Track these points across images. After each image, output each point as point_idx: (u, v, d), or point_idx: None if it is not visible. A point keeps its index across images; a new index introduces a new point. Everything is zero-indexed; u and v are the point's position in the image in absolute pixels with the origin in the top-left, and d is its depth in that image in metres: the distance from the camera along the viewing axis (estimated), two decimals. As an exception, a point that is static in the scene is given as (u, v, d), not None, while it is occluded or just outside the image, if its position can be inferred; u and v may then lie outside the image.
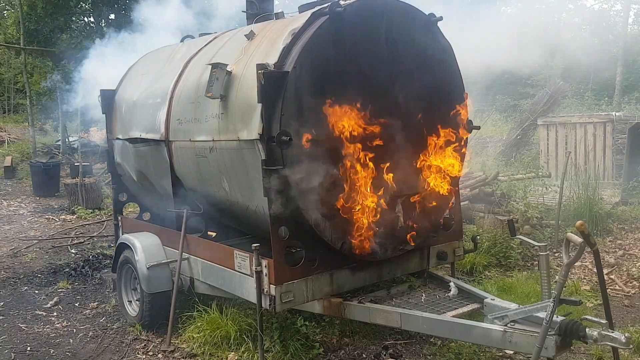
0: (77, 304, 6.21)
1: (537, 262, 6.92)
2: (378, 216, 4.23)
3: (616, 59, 22.33)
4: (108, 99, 6.41)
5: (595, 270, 6.58)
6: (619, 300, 5.77)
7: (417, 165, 4.48)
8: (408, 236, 4.49)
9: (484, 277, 6.58)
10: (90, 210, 11.33)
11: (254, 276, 4.05)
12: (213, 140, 4.51)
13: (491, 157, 14.49)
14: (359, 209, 4.17)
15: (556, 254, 7.05)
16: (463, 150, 4.72)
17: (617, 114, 13.00)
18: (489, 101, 25.09)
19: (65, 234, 9.68)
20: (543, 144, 13.12)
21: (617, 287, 6.12)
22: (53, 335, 5.41)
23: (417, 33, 4.51)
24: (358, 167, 4.12)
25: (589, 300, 5.61)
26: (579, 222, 3.19)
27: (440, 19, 4.59)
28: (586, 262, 6.80)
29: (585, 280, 6.35)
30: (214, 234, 5.38)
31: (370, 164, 4.17)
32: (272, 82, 3.83)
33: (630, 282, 6.29)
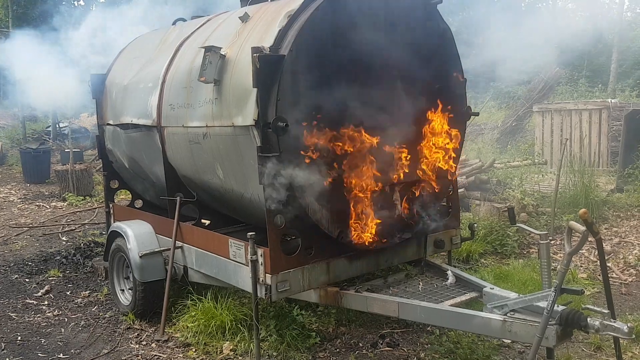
0: (68, 293, 6.11)
1: (533, 250, 6.90)
2: (375, 204, 4.16)
3: (610, 46, 22.29)
4: (98, 83, 6.25)
5: (591, 258, 6.56)
6: (616, 288, 5.75)
7: (415, 152, 4.40)
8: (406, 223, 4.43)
9: (480, 265, 6.55)
10: (81, 197, 11.20)
11: (250, 265, 3.98)
12: (207, 126, 4.40)
13: (487, 144, 14.45)
14: (356, 197, 4.09)
15: (552, 242, 7.01)
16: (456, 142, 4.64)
17: (612, 100, 12.96)
18: (483, 88, 25.02)
19: (56, 221, 9.56)
20: (538, 130, 13.08)
21: (614, 275, 6.10)
22: (44, 324, 5.32)
23: (416, 16, 4.40)
24: (355, 153, 4.04)
25: (586, 289, 5.57)
26: (582, 211, 3.13)
27: (440, 1, 4.48)
28: (582, 250, 6.76)
29: (582, 268, 6.33)
30: (208, 222, 5.29)
31: (367, 149, 4.09)
32: (268, 66, 3.72)
33: (627, 270, 6.27)
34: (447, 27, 4.60)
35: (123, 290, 5.56)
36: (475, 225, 5.25)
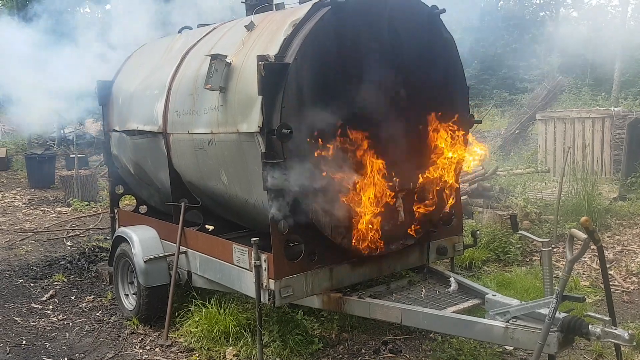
0: (73, 297, 6.15)
1: (536, 258, 6.91)
2: (378, 210, 4.19)
3: (613, 55, 22.31)
4: (105, 90, 6.32)
5: (594, 266, 6.57)
6: (619, 296, 5.76)
7: (418, 159, 4.43)
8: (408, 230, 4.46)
9: (482, 272, 6.56)
10: (86, 203, 11.25)
11: (253, 270, 4.01)
12: (212, 132, 4.45)
13: (490, 151, 14.47)
14: (359, 203, 4.13)
15: (554, 249, 7.03)
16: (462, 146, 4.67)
17: (615, 109, 12.97)
18: (487, 96, 25.10)
19: (61, 226, 9.61)
20: (541, 138, 13.10)
21: (617, 283, 6.10)
22: (49, 328, 5.36)
23: (419, 25, 4.45)
24: (358, 160, 4.08)
25: (588, 296, 5.59)
26: (583, 218, 3.15)
27: (443, 11, 4.54)
28: (585, 257, 6.78)
29: (584, 276, 6.34)
30: (212, 228, 5.33)
31: (371, 157, 4.13)
32: (272, 74, 3.77)
33: (630, 278, 6.28)
34: (450, 36, 4.65)
35: (127, 295, 5.60)
36: (478, 232, 5.27)
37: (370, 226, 4.19)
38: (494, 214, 7.60)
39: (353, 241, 4.18)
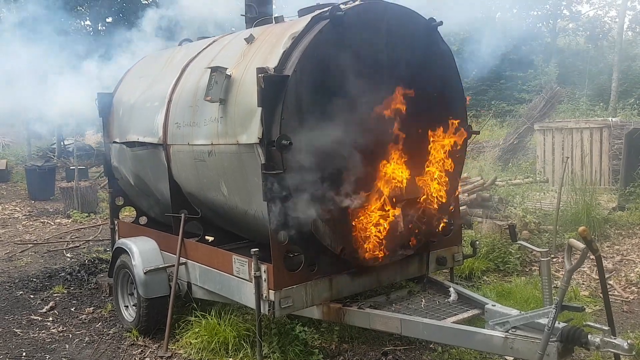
0: (73, 309, 6.14)
1: (535, 268, 6.91)
2: (378, 221, 4.21)
3: (611, 65, 22.44)
4: (105, 102, 6.36)
5: (593, 275, 6.58)
6: (618, 306, 5.76)
7: (417, 170, 4.46)
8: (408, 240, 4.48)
9: (482, 282, 6.56)
10: (86, 214, 11.28)
11: (253, 281, 4.02)
12: (212, 144, 4.48)
13: (488, 162, 14.51)
14: (359, 214, 4.15)
15: (553, 259, 7.04)
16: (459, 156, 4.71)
17: (613, 119, 13.03)
18: (485, 106, 25.21)
19: (61, 237, 9.61)
20: (540, 149, 13.14)
21: (616, 293, 6.11)
22: (49, 340, 5.35)
23: (417, 38, 4.50)
24: (357, 171, 4.10)
25: (588, 306, 5.59)
26: (581, 228, 3.18)
27: (441, 23, 4.59)
28: (584, 267, 6.79)
29: (584, 286, 6.34)
30: (211, 239, 5.34)
31: (369, 168, 4.16)
32: (272, 86, 3.81)
33: (629, 288, 6.28)
34: (447, 48, 4.70)
35: (127, 306, 5.59)
36: (477, 242, 5.28)
37: (370, 236, 4.21)
38: (493, 224, 7.62)
39: (353, 251, 4.20)
